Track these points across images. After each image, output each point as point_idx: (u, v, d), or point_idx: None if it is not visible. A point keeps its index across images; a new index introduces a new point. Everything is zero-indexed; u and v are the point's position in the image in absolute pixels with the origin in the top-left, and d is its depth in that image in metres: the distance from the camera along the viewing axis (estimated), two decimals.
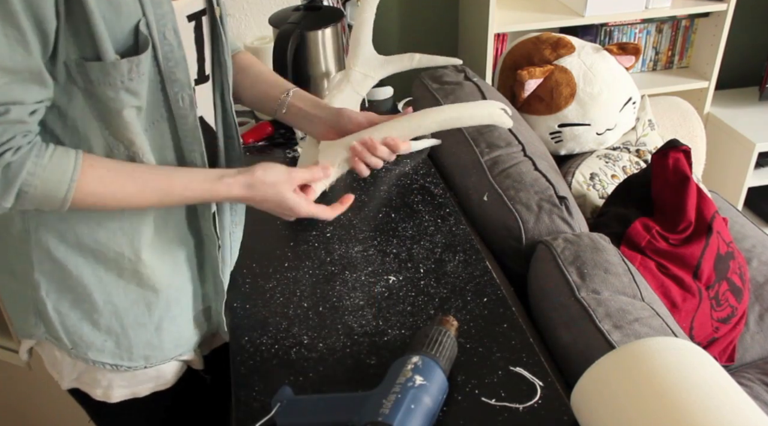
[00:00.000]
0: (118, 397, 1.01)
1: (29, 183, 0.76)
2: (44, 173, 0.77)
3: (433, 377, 0.86)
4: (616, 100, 1.78)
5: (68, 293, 0.91)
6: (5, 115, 0.72)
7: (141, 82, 0.80)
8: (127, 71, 0.78)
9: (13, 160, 0.74)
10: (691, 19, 2.44)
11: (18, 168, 0.75)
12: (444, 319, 0.96)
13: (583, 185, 1.69)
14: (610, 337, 1.03)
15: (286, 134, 1.61)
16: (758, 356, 1.57)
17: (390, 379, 0.86)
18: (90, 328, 0.94)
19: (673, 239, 1.42)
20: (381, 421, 0.79)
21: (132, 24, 0.77)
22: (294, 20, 1.56)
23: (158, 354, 1.00)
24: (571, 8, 2.26)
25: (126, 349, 0.96)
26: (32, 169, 0.76)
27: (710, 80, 2.42)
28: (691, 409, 0.74)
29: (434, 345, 0.90)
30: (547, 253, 1.21)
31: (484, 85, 1.68)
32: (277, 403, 0.89)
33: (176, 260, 0.97)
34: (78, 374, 0.99)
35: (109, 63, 0.76)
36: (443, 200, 1.35)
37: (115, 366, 0.97)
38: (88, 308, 0.92)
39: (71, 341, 0.94)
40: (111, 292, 0.92)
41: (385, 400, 0.82)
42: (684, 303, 1.38)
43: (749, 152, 2.41)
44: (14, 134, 0.74)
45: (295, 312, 1.08)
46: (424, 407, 0.82)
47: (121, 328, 0.95)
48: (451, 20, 2.43)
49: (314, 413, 0.87)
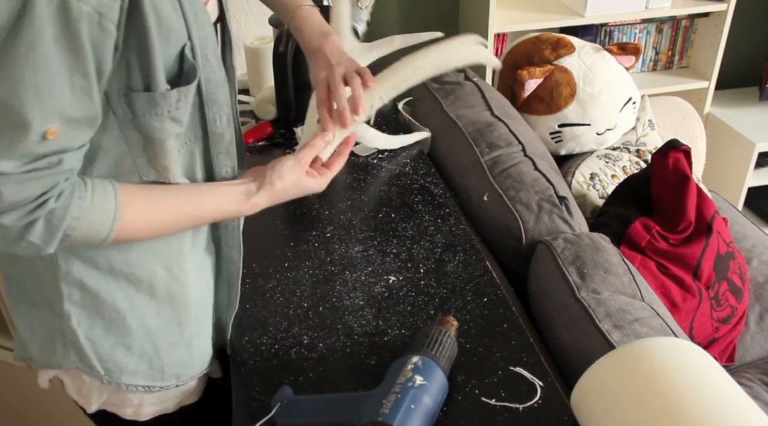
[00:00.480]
0: (148, 414, 0.99)
1: (73, 227, 0.73)
2: (88, 215, 0.74)
3: (433, 377, 0.86)
4: (616, 100, 1.78)
5: (100, 320, 0.89)
6: (59, 165, 0.69)
7: (186, 109, 0.78)
8: (176, 101, 0.75)
9: (57, 206, 0.71)
10: (691, 19, 2.44)
11: (63, 213, 0.72)
12: (444, 319, 0.96)
13: (583, 185, 1.69)
14: (610, 337, 1.03)
15: (286, 134, 1.61)
16: (758, 356, 1.57)
17: (390, 379, 0.86)
18: (124, 353, 0.92)
19: (673, 239, 1.42)
20: (381, 421, 0.79)
21: (178, 49, 0.74)
22: None
23: (188, 371, 0.99)
24: (571, 8, 2.26)
25: (158, 370, 0.95)
26: (76, 213, 0.73)
27: (710, 80, 2.42)
28: (691, 409, 0.74)
29: (434, 345, 0.90)
30: (547, 253, 1.21)
31: (484, 84, 1.68)
32: (277, 403, 0.89)
33: (203, 272, 0.97)
34: (107, 396, 0.97)
35: (159, 94, 0.73)
36: (443, 200, 1.35)
37: (147, 387, 0.96)
38: (122, 333, 0.91)
39: (105, 369, 0.92)
40: (144, 314, 0.91)
41: (385, 400, 0.82)
42: (684, 303, 1.38)
43: (749, 152, 2.41)
44: (59, 180, 0.71)
45: (295, 312, 1.08)
46: (424, 407, 0.82)
47: (154, 350, 0.94)
48: (451, 20, 2.43)
49: (314, 413, 0.87)
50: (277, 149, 1.56)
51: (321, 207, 1.33)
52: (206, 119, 0.83)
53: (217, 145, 0.87)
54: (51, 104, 0.65)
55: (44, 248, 0.73)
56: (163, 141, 0.78)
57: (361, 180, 1.42)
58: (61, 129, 0.67)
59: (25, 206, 0.69)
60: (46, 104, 0.65)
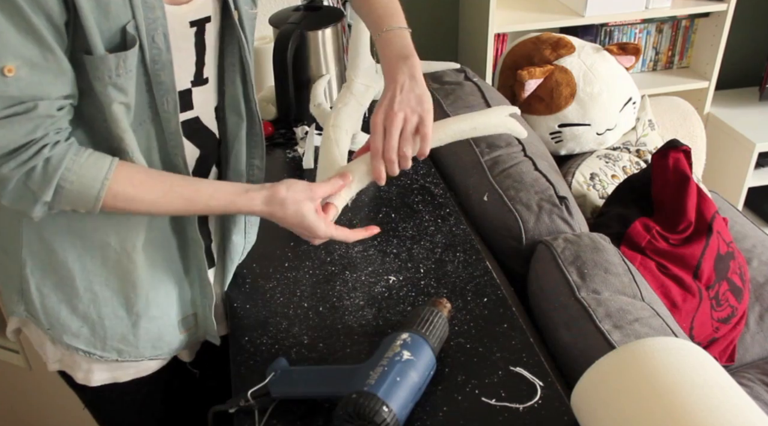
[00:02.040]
0: (98, 381, 1.03)
1: (66, 178, 0.79)
2: (81, 169, 0.80)
3: (421, 353, 0.89)
4: (616, 100, 1.78)
5: (52, 275, 0.94)
6: (34, 110, 0.75)
7: (128, 79, 0.82)
8: (115, 67, 0.79)
9: (52, 154, 0.78)
10: (691, 19, 2.44)
11: (57, 162, 0.78)
12: (437, 300, 0.98)
13: (583, 185, 1.69)
14: (610, 337, 1.03)
15: (286, 134, 1.61)
16: (758, 356, 1.57)
17: (379, 353, 0.89)
18: (68, 312, 0.96)
19: (673, 239, 1.42)
20: (366, 391, 0.82)
21: (120, 24, 0.79)
22: (294, 20, 1.56)
23: (132, 350, 1.01)
24: (571, 8, 2.26)
25: (100, 339, 0.99)
26: (70, 165, 0.79)
27: (710, 80, 2.42)
28: (691, 409, 0.74)
29: (424, 324, 0.93)
30: (547, 253, 1.21)
31: (484, 85, 1.68)
32: (272, 372, 0.92)
33: (158, 261, 0.98)
34: (60, 356, 1.01)
35: (98, 57, 0.78)
36: (443, 200, 1.35)
37: (87, 353, 0.99)
38: (68, 292, 0.95)
39: (48, 322, 0.97)
40: (92, 279, 0.94)
41: (372, 372, 0.85)
42: (684, 303, 1.38)
43: (749, 152, 2.41)
44: (47, 131, 0.77)
45: (295, 312, 1.08)
46: (410, 381, 0.85)
47: (98, 316, 0.97)
48: (451, 20, 2.43)
49: (306, 384, 0.90)
50: (277, 149, 1.56)
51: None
52: (156, 100, 0.87)
53: (167, 129, 0.90)
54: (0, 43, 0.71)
55: (41, 195, 0.79)
56: (108, 105, 0.82)
57: None
58: (20, 69, 0.73)
59: (20, 154, 0.76)
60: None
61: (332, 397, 0.88)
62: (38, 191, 0.78)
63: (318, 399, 0.91)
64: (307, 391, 0.90)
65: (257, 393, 0.90)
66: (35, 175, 0.77)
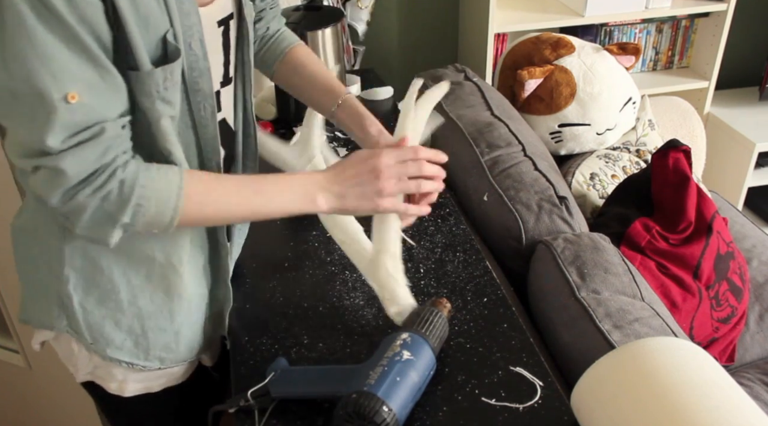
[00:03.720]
0: (132, 391, 1.02)
1: (143, 195, 0.77)
2: (155, 184, 0.78)
3: (421, 353, 0.89)
4: (616, 100, 1.78)
5: (96, 290, 0.92)
6: (102, 134, 0.74)
7: (175, 91, 0.81)
8: (162, 80, 0.78)
9: (126, 176, 0.76)
10: (691, 19, 2.44)
11: (132, 182, 0.77)
12: (437, 300, 0.98)
13: (583, 185, 1.69)
14: (610, 337, 1.03)
15: (286, 134, 1.61)
16: (758, 356, 1.57)
17: (379, 353, 0.89)
18: (112, 327, 0.95)
19: (673, 239, 1.42)
20: (366, 391, 0.82)
21: (160, 35, 0.77)
22: (294, 20, 1.56)
23: (173, 356, 1.01)
24: (571, 8, 2.26)
25: (144, 350, 0.98)
26: (144, 181, 0.77)
27: (710, 80, 2.42)
28: (691, 409, 0.74)
29: (425, 324, 0.93)
30: (547, 253, 1.21)
31: (484, 85, 1.68)
32: (272, 372, 0.92)
33: (199, 267, 0.99)
34: (93, 367, 1.00)
35: (145, 72, 0.77)
36: (443, 200, 1.35)
37: (130, 364, 0.98)
38: (113, 307, 0.93)
39: (92, 337, 0.95)
40: (137, 294, 0.93)
41: (372, 372, 0.85)
42: (684, 303, 1.38)
43: (749, 152, 2.41)
44: (116, 152, 0.76)
45: (295, 312, 1.08)
46: (410, 381, 0.85)
47: (142, 330, 0.96)
48: (451, 20, 2.43)
49: (305, 384, 0.91)
50: None
51: None
52: (192, 107, 0.86)
53: (203, 136, 0.89)
54: (59, 69, 0.70)
55: (120, 218, 0.77)
56: (156, 120, 0.81)
57: None
58: (81, 93, 0.71)
59: (95, 180, 0.75)
60: (55, 70, 0.70)
61: (332, 396, 0.88)
62: (117, 213, 0.77)
63: (318, 399, 0.91)
64: (307, 391, 0.90)
65: (257, 393, 0.90)
66: (112, 197, 0.76)
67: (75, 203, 0.75)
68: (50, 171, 0.73)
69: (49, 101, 0.70)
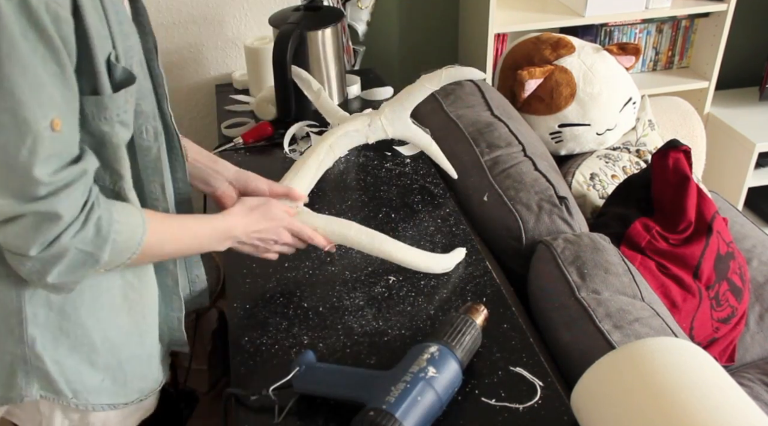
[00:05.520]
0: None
1: (117, 230, 0.76)
2: (122, 217, 0.77)
3: (447, 369, 0.86)
4: (616, 100, 1.78)
5: (65, 339, 0.87)
6: (86, 175, 0.72)
7: (131, 113, 0.79)
8: (123, 103, 0.76)
9: (101, 212, 0.74)
10: (691, 19, 2.44)
11: (108, 218, 0.75)
12: (472, 306, 0.96)
13: (583, 185, 1.69)
14: (610, 337, 1.03)
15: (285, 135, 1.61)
16: (758, 356, 1.57)
17: (405, 364, 0.86)
18: (89, 370, 0.90)
19: (673, 239, 1.42)
20: (384, 409, 0.80)
21: (105, 57, 0.74)
22: (294, 20, 1.56)
23: (149, 385, 0.99)
24: (571, 8, 2.26)
25: (121, 385, 0.94)
26: (116, 216, 0.76)
27: (710, 80, 2.42)
28: (690, 409, 0.74)
29: (456, 335, 0.90)
30: (547, 253, 1.21)
31: (484, 84, 1.68)
32: (296, 367, 0.91)
33: (157, 283, 0.97)
34: (69, 423, 0.94)
35: (107, 96, 0.74)
36: (443, 200, 1.35)
37: (112, 405, 0.94)
38: (86, 350, 0.89)
39: (72, 390, 0.89)
40: (106, 327, 0.90)
41: (394, 388, 0.82)
42: (684, 303, 1.38)
43: (749, 152, 2.41)
44: (91, 188, 0.74)
45: (295, 312, 1.08)
46: (431, 400, 0.83)
47: (118, 363, 0.93)
48: (451, 20, 2.43)
49: (328, 384, 0.89)
50: (276, 149, 1.56)
51: (321, 207, 1.33)
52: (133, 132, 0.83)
53: (144, 159, 0.87)
54: (45, 97, 0.66)
55: (99, 255, 0.75)
56: (117, 146, 0.79)
57: (361, 180, 1.42)
58: (63, 120, 0.69)
59: (77, 220, 0.72)
60: (42, 98, 0.66)
61: (352, 401, 0.87)
62: (96, 252, 0.74)
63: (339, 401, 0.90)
64: (329, 391, 0.89)
65: (280, 386, 0.89)
66: (90, 236, 0.73)
67: (56, 249, 0.71)
68: (39, 217, 0.69)
69: (36, 129, 0.66)
